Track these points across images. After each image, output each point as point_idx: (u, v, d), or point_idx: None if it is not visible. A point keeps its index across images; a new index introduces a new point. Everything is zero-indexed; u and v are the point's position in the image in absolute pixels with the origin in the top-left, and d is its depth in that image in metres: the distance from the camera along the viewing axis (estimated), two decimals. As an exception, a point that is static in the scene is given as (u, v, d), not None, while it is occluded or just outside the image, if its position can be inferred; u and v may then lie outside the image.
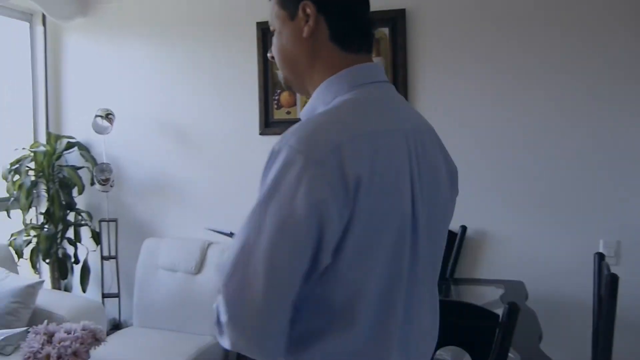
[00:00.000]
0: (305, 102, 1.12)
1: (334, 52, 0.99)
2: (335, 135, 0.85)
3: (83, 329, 1.97)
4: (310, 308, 0.88)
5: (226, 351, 3.06)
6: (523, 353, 1.76)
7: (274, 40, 1.04)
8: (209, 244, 3.21)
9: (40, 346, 1.87)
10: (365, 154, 0.85)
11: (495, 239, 2.85)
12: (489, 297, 2.46)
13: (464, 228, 2.81)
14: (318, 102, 1.00)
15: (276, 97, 3.14)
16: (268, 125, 3.18)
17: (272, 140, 3.17)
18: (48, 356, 1.84)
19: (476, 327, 1.44)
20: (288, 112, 3.13)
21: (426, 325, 1.02)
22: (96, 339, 1.99)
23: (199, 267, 3.13)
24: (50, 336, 1.92)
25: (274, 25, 1.04)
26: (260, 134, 3.18)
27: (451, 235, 2.83)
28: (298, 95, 3.08)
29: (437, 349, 1.18)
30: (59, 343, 1.88)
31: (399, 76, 2.88)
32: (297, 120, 0.96)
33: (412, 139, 0.96)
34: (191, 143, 3.37)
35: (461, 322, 1.44)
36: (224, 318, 0.86)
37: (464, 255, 2.84)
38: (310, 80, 1.02)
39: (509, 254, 2.81)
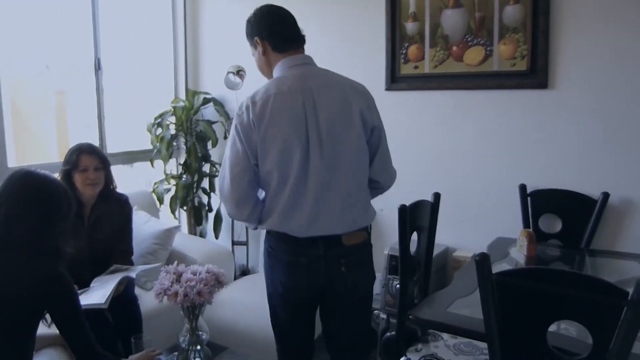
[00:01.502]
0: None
1: (276, 55, 1.87)
2: (252, 97, 1.79)
3: (207, 272, 2.09)
4: (263, 190, 1.85)
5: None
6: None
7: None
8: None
9: (169, 284, 2.02)
10: (259, 106, 1.75)
11: (646, 209, 2.51)
12: (629, 272, 2.19)
13: (605, 195, 2.51)
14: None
15: (404, 51, 3.00)
16: (394, 80, 3.07)
17: (398, 97, 3.13)
18: (176, 294, 1.98)
19: (599, 304, 1.27)
20: (416, 67, 2.98)
21: (327, 208, 1.78)
22: (219, 282, 2.10)
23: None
24: (179, 276, 2.07)
25: (252, 53, 1.96)
26: (387, 89, 3.08)
27: (589, 202, 2.55)
28: (427, 49, 2.93)
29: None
30: (186, 283, 2.01)
31: (540, 23, 2.60)
32: (425, 75, 2.36)
33: (309, 94, 1.79)
34: (317, 99, 3.38)
35: (582, 296, 1.28)
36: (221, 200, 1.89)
37: (605, 225, 2.54)
38: (269, 74, 1.91)
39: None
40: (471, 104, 2.86)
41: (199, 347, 2.10)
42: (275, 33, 1.88)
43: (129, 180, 3.77)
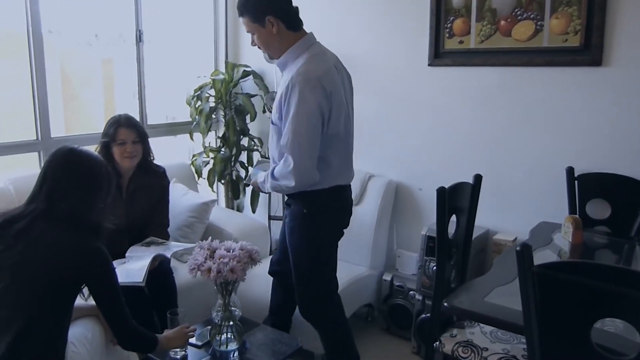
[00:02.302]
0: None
1: (290, 34, 2.10)
2: (315, 73, 2.00)
3: (241, 249, 2.09)
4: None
5: (379, 284, 3.07)
6: None
7: (254, 37, 2.15)
8: (370, 177, 3.18)
9: (203, 260, 2.03)
10: (329, 79, 2.03)
11: None
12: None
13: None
14: (288, 59, 2.13)
15: (448, 25, 2.87)
16: (438, 55, 2.95)
17: (441, 73, 3.01)
18: (209, 270, 1.99)
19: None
20: (460, 42, 2.85)
21: (351, 161, 2.30)
22: (252, 259, 2.10)
23: (359, 199, 3.13)
24: (212, 252, 2.07)
25: (252, 31, 2.15)
26: (429, 65, 2.97)
27: (637, 186, 2.41)
28: (473, 23, 2.79)
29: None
30: (219, 259, 2.01)
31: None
32: (470, 50, 2.80)
33: (339, 69, 2.17)
34: (359, 75, 3.25)
35: (631, 293, 1.20)
36: (288, 169, 2.04)
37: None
38: (280, 51, 2.12)
39: None
40: (518, 82, 2.72)
41: (231, 323, 2.12)
42: (290, 12, 2.10)
43: (171, 152, 3.81)
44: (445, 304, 1.68)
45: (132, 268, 2.30)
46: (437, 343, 2.04)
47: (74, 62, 4.52)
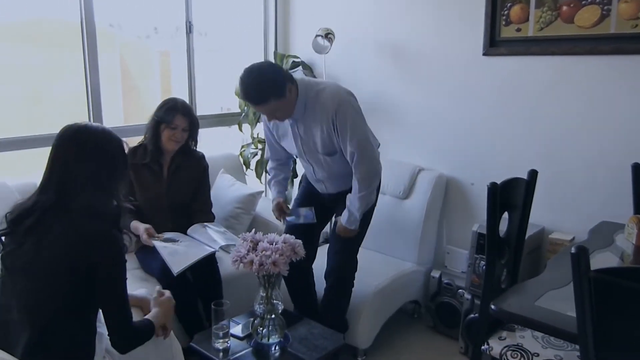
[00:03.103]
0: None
1: (293, 87, 2.22)
2: (339, 93, 2.27)
3: (284, 242, 2.06)
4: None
5: (427, 281, 2.99)
6: None
7: (277, 114, 2.23)
8: (420, 170, 3.09)
9: (246, 252, 2.02)
10: (345, 89, 2.32)
11: None
12: None
13: None
14: (302, 106, 2.26)
15: (505, 12, 2.73)
16: (494, 44, 2.81)
17: (496, 62, 2.87)
18: (251, 262, 1.98)
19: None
20: (518, 29, 2.71)
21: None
22: (295, 252, 2.07)
23: (407, 192, 3.05)
24: (255, 244, 2.06)
25: (275, 110, 2.20)
26: (484, 54, 2.84)
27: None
28: (532, 10, 2.64)
29: None
30: (262, 252, 2.00)
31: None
32: (528, 38, 2.67)
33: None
34: (409, 64, 3.20)
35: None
36: (374, 175, 2.38)
37: None
38: (294, 107, 2.25)
39: None
40: (581, 72, 2.55)
41: (273, 316, 2.10)
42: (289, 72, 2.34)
43: (226, 142, 3.84)
44: (493, 306, 1.59)
45: (180, 253, 2.42)
46: (485, 346, 1.95)
47: (133, 55, 4.64)
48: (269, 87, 2.11)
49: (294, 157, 2.62)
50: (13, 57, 3.24)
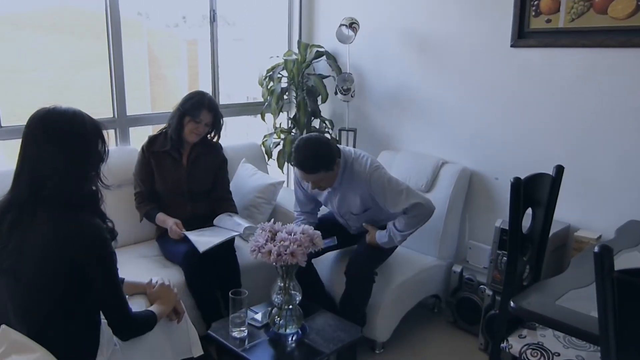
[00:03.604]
0: None
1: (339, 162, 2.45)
2: (369, 160, 2.50)
3: (302, 233, 2.06)
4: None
5: (448, 275, 2.95)
6: None
7: (321, 183, 2.45)
8: (443, 163, 3.04)
9: (264, 242, 2.02)
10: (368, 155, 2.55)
11: None
12: None
13: None
14: (341, 175, 2.48)
15: (535, 2, 2.65)
16: (522, 35, 2.73)
17: (525, 54, 2.79)
18: (269, 252, 1.98)
19: None
20: (548, 20, 2.63)
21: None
22: (313, 244, 2.06)
23: (430, 185, 3.01)
24: (274, 234, 2.06)
25: (321, 180, 2.42)
26: (512, 46, 2.76)
27: None
28: (563, 0, 2.55)
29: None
30: (280, 242, 2.00)
31: None
32: (558, 29, 2.59)
33: None
34: (434, 55, 3.14)
35: None
36: (421, 215, 2.49)
37: None
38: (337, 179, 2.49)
39: None
40: (613, 65, 2.47)
41: (290, 307, 2.10)
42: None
43: (248, 131, 3.84)
44: (512, 304, 1.55)
45: (206, 236, 2.52)
46: (505, 343, 1.91)
47: (160, 43, 4.68)
48: (322, 160, 2.34)
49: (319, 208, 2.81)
50: (41, 45, 3.30)
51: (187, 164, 2.70)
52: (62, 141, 1.41)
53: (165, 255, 2.66)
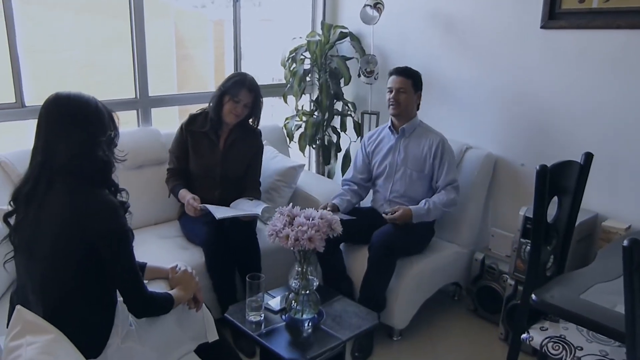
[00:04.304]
0: None
1: (418, 103, 2.80)
2: (441, 135, 2.76)
3: (321, 218, 2.02)
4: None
5: (469, 263, 2.90)
6: None
7: (401, 96, 2.71)
8: (467, 148, 2.98)
9: (282, 226, 1.99)
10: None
11: None
12: None
13: None
14: (413, 124, 2.77)
15: (568, -19, 2.55)
16: (553, 17, 2.63)
17: (555, 36, 2.69)
18: (287, 237, 1.95)
19: None
20: (581, 1, 2.52)
21: None
22: (332, 229, 2.03)
23: (453, 172, 2.94)
24: (292, 219, 2.03)
25: (404, 92, 2.71)
26: (542, 27, 2.66)
27: None
28: (597, -21, 2.46)
29: None
30: (298, 227, 1.97)
31: None
32: (592, 10, 2.48)
33: None
34: (461, 37, 3.05)
35: None
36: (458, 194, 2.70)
37: None
38: (410, 117, 2.75)
39: None
40: (648, 47, 2.36)
41: (308, 292, 2.08)
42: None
43: (274, 113, 3.82)
44: (534, 297, 1.51)
45: (224, 208, 2.53)
46: (526, 335, 1.87)
47: (187, 23, 4.66)
48: (416, 74, 2.74)
49: (369, 186, 2.92)
50: (70, 25, 3.29)
51: (223, 148, 2.69)
52: (70, 117, 1.51)
53: (187, 235, 2.67)
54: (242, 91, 2.58)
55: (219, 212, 2.45)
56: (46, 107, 1.53)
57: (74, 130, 1.51)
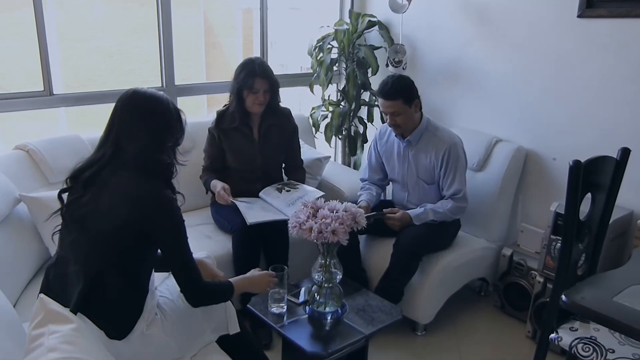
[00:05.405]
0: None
1: (420, 111, 2.60)
2: (455, 138, 2.63)
3: (345, 210, 1.99)
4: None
5: (497, 258, 2.84)
6: None
7: (397, 118, 2.54)
8: (497, 141, 2.90)
9: (305, 219, 1.97)
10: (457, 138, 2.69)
11: None
12: None
13: None
14: (418, 131, 2.61)
15: (608, -32, 2.44)
16: (591, 4, 2.53)
17: (593, 25, 2.58)
18: (310, 229, 1.93)
19: None
20: (621, -12, 2.41)
21: None
22: (355, 222, 2.00)
23: (482, 165, 2.88)
24: (316, 211, 2.01)
25: (399, 113, 2.52)
26: (579, 16, 2.56)
27: None
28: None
29: None
30: (322, 219, 1.94)
31: None
32: None
33: None
34: (493, 26, 2.97)
35: None
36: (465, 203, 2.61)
37: None
38: (413, 128, 2.61)
39: None
40: (693, 38, 2.25)
41: (331, 285, 2.06)
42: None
43: (302, 102, 3.79)
44: (564, 297, 1.45)
45: (256, 209, 2.51)
46: (554, 334, 1.81)
47: (216, 11, 4.66)
48: (402, 89, 2.50)
49: (387, 184, 2.89)
50: (101, 13, 3.32)
51: (259, 138, 2.67)
52: (145, 116, 1.59)
53: (217, 222, 2.67)
54: (256, 80, 2.55)
55: (250, 214, 2.43)
56: (122, 101, 1.60)
57: (145, 129, 1.58)
